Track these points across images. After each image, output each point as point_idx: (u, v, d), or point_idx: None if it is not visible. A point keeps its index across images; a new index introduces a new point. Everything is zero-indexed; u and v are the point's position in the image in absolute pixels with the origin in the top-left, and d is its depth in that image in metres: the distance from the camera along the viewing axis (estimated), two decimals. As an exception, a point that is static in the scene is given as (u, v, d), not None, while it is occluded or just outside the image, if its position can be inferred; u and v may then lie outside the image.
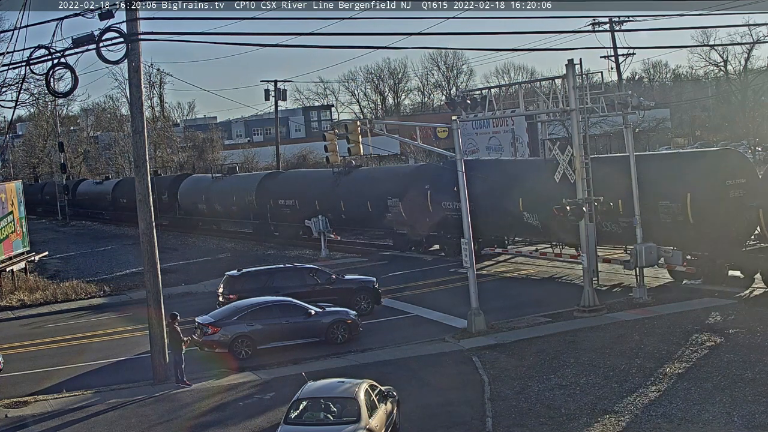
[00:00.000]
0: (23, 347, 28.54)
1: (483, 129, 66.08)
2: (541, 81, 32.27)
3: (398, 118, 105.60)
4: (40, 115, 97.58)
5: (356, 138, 26.74)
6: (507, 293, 31.67)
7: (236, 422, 19.06)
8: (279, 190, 53.18)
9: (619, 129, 37.15)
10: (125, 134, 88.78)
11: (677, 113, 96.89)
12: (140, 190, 22.91)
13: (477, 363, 22.31)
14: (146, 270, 23.00)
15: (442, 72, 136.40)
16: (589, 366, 21.13)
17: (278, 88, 68.08)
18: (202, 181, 63.59)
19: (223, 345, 24.61)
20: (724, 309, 25.62)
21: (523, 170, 38.14)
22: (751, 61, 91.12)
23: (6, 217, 39.69)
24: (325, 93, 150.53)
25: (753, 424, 16.65)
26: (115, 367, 25.25)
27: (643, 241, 28.05)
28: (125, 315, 32.75)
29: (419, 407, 19.12)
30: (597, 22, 55.22)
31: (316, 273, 30.50)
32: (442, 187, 38.93)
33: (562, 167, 27.45)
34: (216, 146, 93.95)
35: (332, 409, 16.10)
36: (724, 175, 28.94)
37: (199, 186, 63.07)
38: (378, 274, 34.11)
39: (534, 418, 18.01)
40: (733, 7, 32.48)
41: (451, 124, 27.16)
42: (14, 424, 19.97)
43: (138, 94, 22.61)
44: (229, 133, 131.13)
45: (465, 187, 26.15)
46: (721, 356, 20.97)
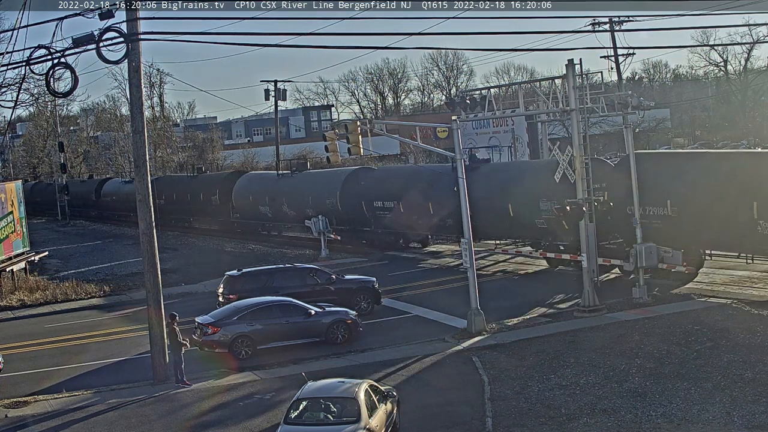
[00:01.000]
0: (23, 347, 28.53)
1: (483, 129, 66.17)
2: (541, 81, 32.33)
3: (398, 118, 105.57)
4: (40, 115, 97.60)
5: (356, 138, 26.75)
6: (507, 293, 31.68)
7: (236, 422, 19.06)
8: (373, 190, 44.59)
9: (619, 129, 37.15)
10: (125, 134, 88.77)
11: (677, 113, 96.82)
12: (140, 190, 22.89)
13: (477, 363, 22.31)
14: (146, 270, 22.99)
15: (442, 72, 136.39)
16: (589, 366, 21.14)
17: (278, 88, 68.05)
18: (263, 180, 55.45)
19: (223, 345, 24.61)
20: (724, 309, 25.62)
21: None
22: (751, 61, 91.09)
23: (6, 217, 39.70)
24: (325, 93, 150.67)
25: (753, 424, 16.65)
26: (115, 367, 25.25)
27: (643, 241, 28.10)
28: (125, 315, 32.75)
29: (419, 407, 19.12)
30: (597, 22, 55.23)
31: (316, 273, 30.49)
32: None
33: (562, 167, 27.46)
34: (216, 146, 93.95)
35: (332, 409, 16.10)
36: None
37: (259, 185, 54.48)
38: (378, 274, 34.11)
39: (534, 418, 18.02)
40: (733, 7, 32.49)
41: (451, 124, 27.16)
42: (14, 424, 19.97)
43: (138, 94, 22.61)
44: (229, 133, 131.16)
45: (465, 188, 26.16)
46: (721, 356, 20.96)
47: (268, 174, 57.35)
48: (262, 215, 53.48)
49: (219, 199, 56.87)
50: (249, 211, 54.79)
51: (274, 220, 53.05)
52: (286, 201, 50.18)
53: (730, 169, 28.27)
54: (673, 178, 29.40)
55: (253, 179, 56.63)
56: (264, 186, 53.46)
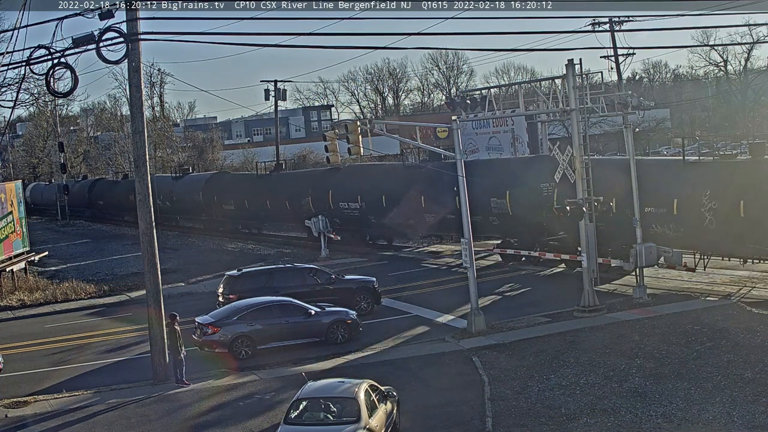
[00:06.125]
0: (23, 347, 28.53)
1: (483, 129, 66.05)
2: (541, 81, 32.34)
3: (398, 118, 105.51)
4: (40, 115, 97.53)
5: (356, 138, 26.73)
6: (507, 293, 31.68)
7: (236, 422, 19.06)
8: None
9: (619, 129, 37.14)
10: (125, 134, 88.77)
11: (677, 113, 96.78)
12: (140, 190, 22.88)
13: (477, 363, 22.31)
14: (146, 270, 22.98)
15: (442, 72, 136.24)
16: (589, 366, 21.13)
17: (278, 88, 67.95)
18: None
19: (223, 345, 24.60)
20: (724, 309, 25.62)
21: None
22: (751, 61, 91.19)
23: (6, 217, 39.70)
24: (325, 93, 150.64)
25: (753, 424, 16.65)
26: (115, 367, 25.24)
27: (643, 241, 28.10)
28: (125, 315, 32.74)
29: (419, 407, 19.13)
30: (597, 22, 55.23)
31: (316, 273, 30.49)
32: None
33: (562, 167, 27.45)
34: (216, 146, 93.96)
35: (332, 409, 16.11)
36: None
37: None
38: (378, 274, 34.11)
39: (534, 418, 18.02)
40: (733, 7, 32.50)
41: (451, 124, 27.15)
42: (14, 424, 19.97)
43: (138, 94, 22.60)
44: (229, 133, 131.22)
45: (465, 188, 26.16)
46: (721, 356, 20.96)
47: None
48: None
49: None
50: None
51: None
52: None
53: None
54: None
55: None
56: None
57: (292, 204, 50.19)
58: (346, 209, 46.21)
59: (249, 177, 59.60)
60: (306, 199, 48.80)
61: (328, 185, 47.90)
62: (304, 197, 49.05)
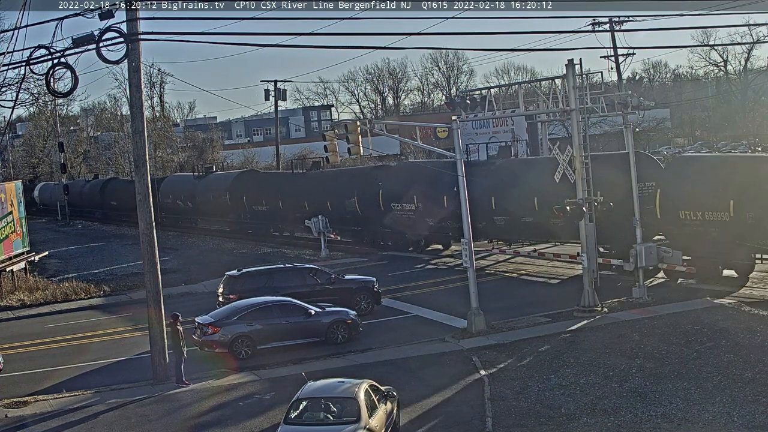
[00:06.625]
0: (23, 347, 28.53)
1: (483, 129, 66.15)
2: (541, 81, 32.39)
3: (398, 118, 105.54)
4: (40, 115, 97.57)
5: (356, 138, 26.74)
6: (507, 293, 31.68)
7: (236, 422, 19.06)
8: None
9: (619, 129, 37.20)
10: (125, 134, 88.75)
11: (677, 113, 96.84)
12: (140, 190, 22.88)
13: (477, 363, 22.31)
14: (146, 270, 22.98)
15: (442, 72, 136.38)
16: (589, 366, 21.13)
17: (278, 88, 68.07)
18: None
19: (223, 345, 24.60)
20: (724, 309, 25.62)
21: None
22: (751, 61, 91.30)
23: (6, 217, 39.69)
24: (325, 93, 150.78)
25: (753, 424, 16.65)
26: (115, 367, 25.24)
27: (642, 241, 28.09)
28: (125, 315, 32.74)
29: (419, 407, 19.12)
30: (597, 22, 55.29)
31: (316, 273, 30.48)
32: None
33: (562, 167, 27.45)
34: (216, 146, 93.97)
35: (332, 409, 16.10)
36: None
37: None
38: (378, 274, 34.11)
39: (534, 418, 18.01)
40: (733, 7, 32.53)
41: (451, 124, 27.16)
42: (14, 424, 19.97)
43: (138, 94, 22.60)
44: (229, 133, 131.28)
45: (465, 188, 26.15)
46: (721, 356, 20.96)
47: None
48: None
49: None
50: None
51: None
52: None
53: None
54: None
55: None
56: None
57: (334, 205, 45.88)
58: (398, 210, 42.52)
59: (283, 175, 55.38)
60: (351, 200, 44.95)
61: (377, 184, 44.12)
62: (349, 197, 45.15)
